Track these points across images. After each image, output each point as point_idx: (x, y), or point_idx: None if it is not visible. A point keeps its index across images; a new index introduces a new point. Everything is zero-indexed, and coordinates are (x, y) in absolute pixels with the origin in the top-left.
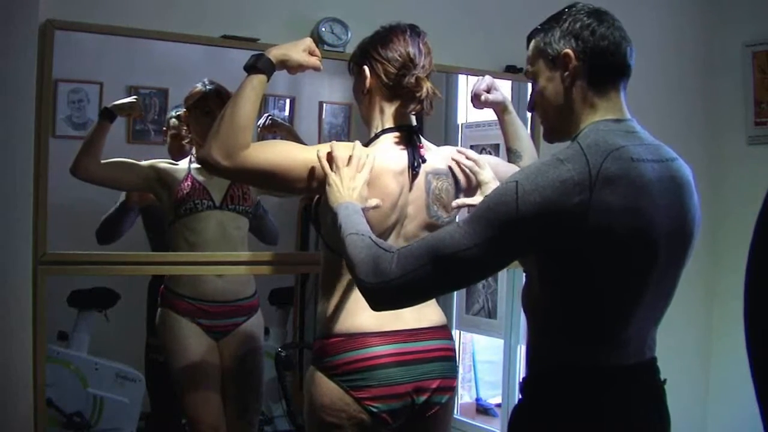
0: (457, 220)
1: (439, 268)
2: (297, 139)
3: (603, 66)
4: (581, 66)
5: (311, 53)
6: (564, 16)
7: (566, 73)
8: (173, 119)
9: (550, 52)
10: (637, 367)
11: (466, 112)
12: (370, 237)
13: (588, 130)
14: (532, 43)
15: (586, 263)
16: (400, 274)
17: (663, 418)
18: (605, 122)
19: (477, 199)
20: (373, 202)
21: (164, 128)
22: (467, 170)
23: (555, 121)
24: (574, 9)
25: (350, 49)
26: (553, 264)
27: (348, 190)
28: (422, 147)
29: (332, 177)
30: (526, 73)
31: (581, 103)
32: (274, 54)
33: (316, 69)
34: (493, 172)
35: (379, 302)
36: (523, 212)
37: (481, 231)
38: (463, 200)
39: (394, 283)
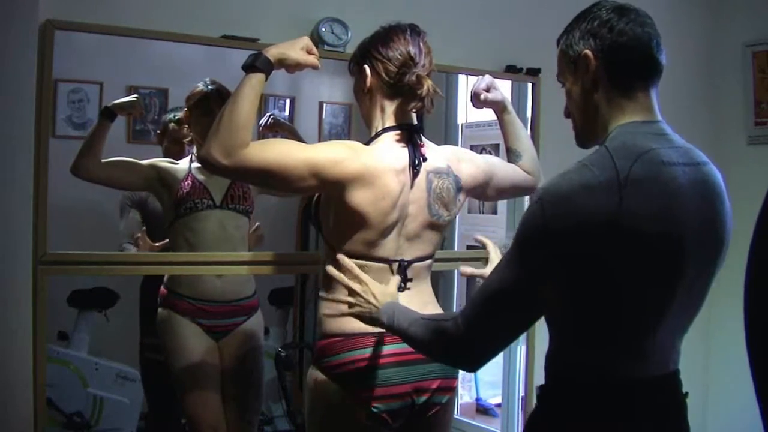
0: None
1: (496, 312)
2: (298, 139)
3: (623, 63)
4: (601, 66)
5: (309, 52)
6: (586, 15)
7: (587, 75)
8: (172, 124)
9: (572, 55)
10: (659, 379)
11: (466, 112)
12: (421, 318)
13: (616, 133)
14: (559, 47)
15: (612, 270)
16: (466, 328)
17: (682, 431)
18: (634, 124)
19: (484, 271)
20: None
21: (158, 131)
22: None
23: (583, 124)
24: (596, 7)
25: (350, 49)
26: (577, 271)
27: (382, 297)
28: (423, 145)
29: (359, 288)
30: (558, 78)
31: (606, 105)
32: (272, 53)
33: (314, 68)
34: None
35: (467, 363)
36: (551, 224)
37: (518, 259)
38: (471, 270)
39: (467, 337)
